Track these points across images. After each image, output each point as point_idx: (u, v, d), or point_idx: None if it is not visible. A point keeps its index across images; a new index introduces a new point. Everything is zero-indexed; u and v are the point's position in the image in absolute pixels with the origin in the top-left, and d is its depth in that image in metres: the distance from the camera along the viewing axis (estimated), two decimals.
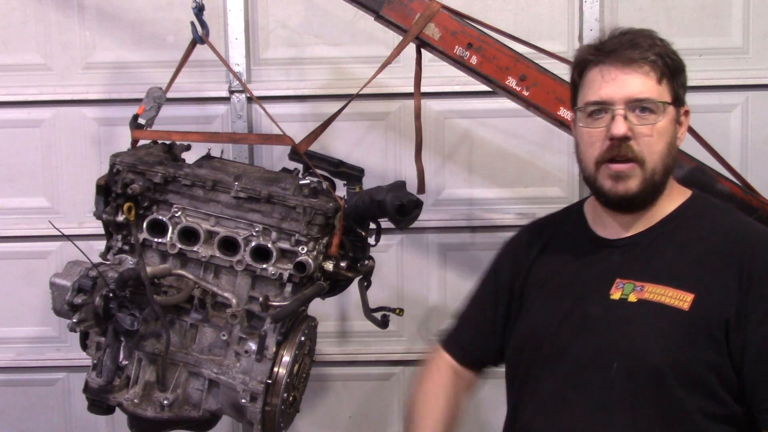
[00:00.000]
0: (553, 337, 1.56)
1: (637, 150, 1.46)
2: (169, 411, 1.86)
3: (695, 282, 1.44)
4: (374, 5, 2.08)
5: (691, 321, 1.41)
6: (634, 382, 1.43)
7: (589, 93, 1.51)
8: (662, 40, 1.51)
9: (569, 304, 1.56)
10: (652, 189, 1.50)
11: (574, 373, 1.51)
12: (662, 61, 1.48)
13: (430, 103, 2.78)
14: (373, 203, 1.87)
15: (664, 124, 1.47)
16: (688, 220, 1.53)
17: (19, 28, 2.81)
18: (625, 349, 1.45)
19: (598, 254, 1.58)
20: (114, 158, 1.90)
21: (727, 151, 2.54)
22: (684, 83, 1.54)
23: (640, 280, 1.49)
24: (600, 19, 2.72)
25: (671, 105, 1.49)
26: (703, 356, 1.40)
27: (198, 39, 2.10)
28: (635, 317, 1.46)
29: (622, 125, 1.44)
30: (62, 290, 1.87)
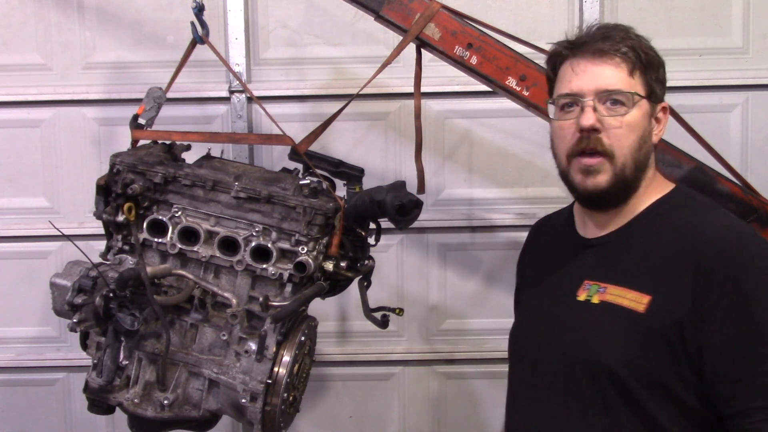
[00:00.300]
0: (530, 338, 1.58)
1: (607, 143, 1.44)
2: (169, 411, 1.86)
3: (653, 284, 1.41)
4: (374, 5, 2.08)
5: (647, 323, 1.39)
6: (596, 385, 1.42)
7: (561, 86, 1.50)
8: (638, 35, 1.50)
9: (545, 305, 1.57)
10: (622, 185, 1.47)
11: (546, 375, 1.52)
12: (634, 54, 1.46)
13: (430, 103, 2.78)
14: (373, 203, 1.87)
15: (634, 117, 1.45)
16: (656, 219, 1.50)
17: (19, 28, 2.81)
18: (586, 351, 1.45)
19: (576, 255, 1.57)
20: (114, 158, 1.90)
21: (727, 151, 2.54)
22: (661, 79, 1.51)
23: (605, 281, 1.48)
24: (600, 19, 2.72)
25: (644, 99, 1.46)
26: (660, 358, 1.38)
27: (198, 39, 2.10)
28: (596, 319, 1.45)
29: (590, 116, 1.43)
30: (62, 290, 1.87)
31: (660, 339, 1.38)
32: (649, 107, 1.48)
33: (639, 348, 1.39)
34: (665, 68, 1.53)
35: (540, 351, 1.54)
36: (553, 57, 1.54)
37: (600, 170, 1.45)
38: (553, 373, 1.50)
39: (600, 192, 1.46)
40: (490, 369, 2.83)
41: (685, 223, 1.46)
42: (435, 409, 2.94)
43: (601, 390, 1.42)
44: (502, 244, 2.85)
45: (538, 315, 1.58)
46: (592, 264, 1.52)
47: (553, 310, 1.54)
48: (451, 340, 2.89)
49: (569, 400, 1.46)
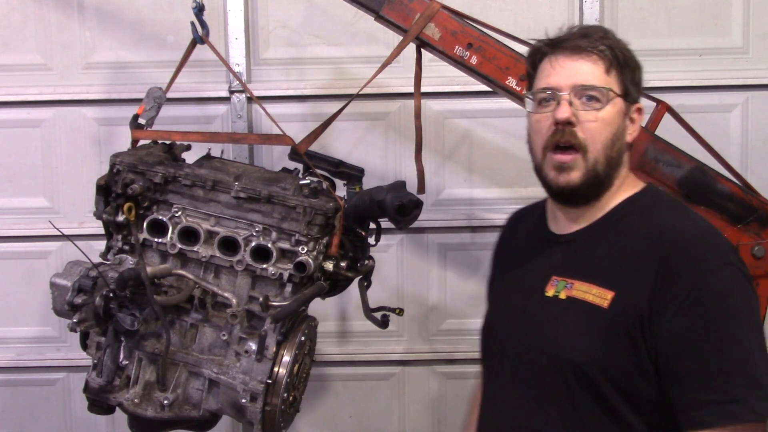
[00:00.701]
0: (498, 333, 1.61)
1: (581, 137, 1.46)
2: (169, 411, 1.86)
3: (617, 280, 1.44)
4: (374, 5, 2.08)
5: (610, 318, 1.42)
6: (561, 378, 1.45)
7: (539, 81, 1.54)
8: (616, 36, 1.54)
9: (514, 300, 1.60)
10: (594, 181, 1.49)
11: (514, 369, 1.55)
12: (612, 53, 1.49)
13: (430, 103, 2.78)
14: (373, 203, 1.87)
15: (609, 113, 1.47)
16: (623, 218, 1.52)
17: (19, 28, 2.81)
18: (552, 345, 1.48)
19: (545, 250, 1.60)
20: (114, 158, 1.90)
21: (727, 151, 2.54)
22: (637, 81, 1.54)
23: (572, 277, 1.50)
24: (600, 19, 2.72)
25: (619, 96, 1.49)
26: (622, 353, 1.41)
27: (198, 39, 2.10)
28: (562, 315, 1.48)
29: (566, 109, 1.46)
30: (62, 290, 1.87)
31: (622, 334, 1.40)
32: (623, 106, 1.51)
33: (602, 342, 1.42)
34: (642, 71, 1.56)
35: (508, 345, 1.57)
36: (533, 54, 1.58)
37: (573, 167, 1.48)
38: (520, 367, 1.53)
39: (573, 188, 1.49)
40: None
41: (651, 222, 1.48)
42: (435, 409, 2.94)
43: (566, 383, 1.45)
44: None
45: (508, 309, 1.60)
46: (560, 260, 1.55)
47: (522, 305, 1.57)
48: (451, 340, 2.89)
49: (535, 393, 1.50)
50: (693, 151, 2.12)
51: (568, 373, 1.44)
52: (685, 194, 2.10)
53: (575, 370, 1.43)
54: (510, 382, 1.55)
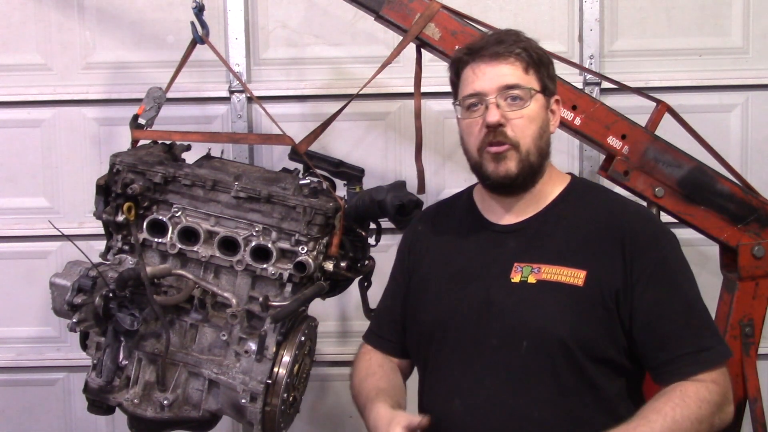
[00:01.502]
0: (459, 322, 1.64)
1: (511, 135, 1.59)
2: (169, 411, 1.86)
3: (586, 259, 1.57)
4: (374, 5, 2.08)
5: (587, 295, 1.55)
6: (542, 357, 1.55)
7: (465, 88, 1.64)
8: (527, 38, 1.65)
9: (471, 290, 1.64)
10: (529, 170, 1.62)
11: (485, 356, 1.59)
12: (527, 54, 1.62)
13: (430, 103, 2.78)
14: (373, 203, 1.87)
15: (533, 109, 1.60)
16: (573, 203, 1.67)
17: (19, 28, 2.81)
18: (532, 327, 1.56)
19: (492, 239, 1.68)
20: (114, 158, 1.90)
21: (727, 151, 2.54)
22: (552, 75, 1.67)
23: (537, 262, 1.60)
24: (600, 19, 2.72)
25: (540, 93, 1.62)
26: (599, 325, 1.55)
27: (198, 39, 2.11)
28: (537, 297, 1.58)
29: (495, 113, 1.58)
30: (62, 290, 1.87)
31: (599, 308, 1.55)
32: (544, 100, 1.64)
33: (582, 318, 1.55)
34: (553, 65, 1.70)
35: (475, 333, 1.61)
36: (455, 63, 1.70)
37: (508, 157, 1.60)
38: (493, 353, 1.58)
39: (511, 177, 1.61)
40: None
41: (602, 205, 1.66)
42: None
43: (550, 361, 1.54)
44: None
45: (467, 300, 1.64)
46: (515, 248, 1.64)
47: (485, 294, 1.62)
48: None
49: (513, 376, 1.56)
50: (693, 151, 2.12)
51: (551, 352, 1.54)
52: (685, 194, 2.10)
53: (561, 347, 1.54)
54: (483, 370, 1.59)
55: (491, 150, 1.59)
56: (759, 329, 2.15)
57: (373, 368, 1.81)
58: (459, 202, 1.80)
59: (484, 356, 1.59)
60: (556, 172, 1.72)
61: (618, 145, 2.10)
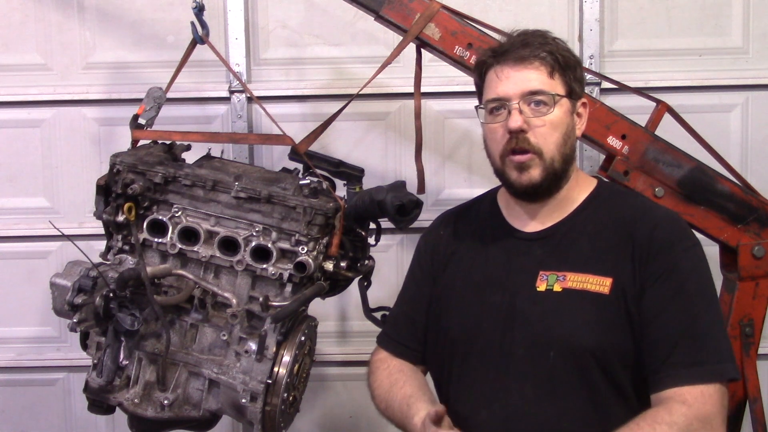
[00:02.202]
0: (485, 332, 1.62)
1: (534, 142, 1.56)
2: (169, 411, 1.86)
3: (610, 266, 1.55)
4: (374, 5, 2.08)
5: (613, 302, 1.52)
6: (570, 367, 1.52)
7: (488, 92, 1.62)
8: (555, 39, 1.61)
9: (498, 299, 1.62)
10: (554, 177, 1.59)
11: (513, 365, 1.57)
12: (552, 58, 1.58)
13: (430, 103, 2.78)
14: (373, 203, 1.87)
15: (557, 115, 1.57)
16: (597, 210, 1.63)
17: (19, 28, 2.81)
18: (559, 337, 1.53)
19: (517, 247, 1.66)
20: (114, 158, 1.90)
21: (727, 151, 2.54)
22: (579, 78, 1.63)
23: (562, 270, 1.58)
24: (600, 19, 2.72)
25: (564, 97, 1.58)
26: (627, 334, 1.51)
27: (198, 39, 2.11)
28: (563, 306, 1.55)
29: (517, 118, 1.55)
30: (62, 290, 1.87)
31: (624, 315, 1.52)
32: (569, 105, 1.60)
33: (611, 326, 1.51)
34: (582, 66, 1.66)
35: (502, 342, 1.58)
36: (479, 65, 1.67)
37: (532, 165, 1.57)
38: (521, 362, 1.56)
39: (535, 185, 1.58)
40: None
41: (623, 210, 1.62)
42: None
43: (579, 372, 1.51)
44: None
45: (494, 309, 1.62)
46: (540, 256, 1.61)
47: (511, 303, 1.60)
48: None
49: (542, 386, 1.53)
50: (693, 151, 2.12)
51: (580, 360, 1.50)
52: (685, 194, 2.10)
53: (589, 357, 1.50)
54: (511, 380, 1.56)
55: (514, 159, 1.57)
56: (759, 329, 2.15)
57: (394, 376, 1.76)
58: (482, 207, 1.78)
59: (511, 366, 1.56)
60: (583, 177, 1.69)
61: (618, 145, 2.10)
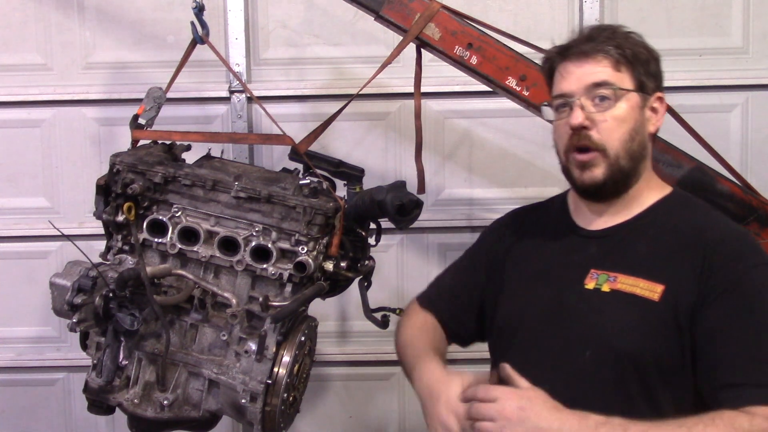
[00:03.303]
0: (528, 324, 1.61)
1: (597, 138, 1.51)
2: (169, 411, 1.86)
3: (665, 274, 1.49)
4: (374, 5, 2.08)
5: (661, 311, 1.47)
6: (605, 370, 1.48)
7: (554, 89, 1.60)
8: (626, 33, 1.57)
9: (545, 292, 1.61)
10: (619, 175, 1.54)
11: (548, 360, 1.55)
12: (618, 51, 1.53)
13: (430, 103, 2.78)
14: (374, 203, 1.87)
15: (623, 110, 1.52)
16: (663, 216, 1.58)
17: (19, 28, 2.81)
18: (597, 337, 1.50)
19: (575, 244, 1.63)
20: (114, 158, 1.90)
21: (727, 151, 2.54)
22: (654, 72, 1.57)
23: (614, 270, 1.54)
24: (600, 19, 2.72)
25: (633, 91, 1.53)
26: (672, 344, 1.46)
27: (198, 39, 2.10)
28: (608, 307, 1.51)
29: (578, 114, 1.51)
30: (62, 290, 1.87)
31: (672, 326, 1.45)
32: (639, 99, 1.54)
33: (655, 334, 1.46)
34: (659, 61, 1.59)
35: (542, 336, 1.58)
36: (545, 63, 1.65)
37: (595, 164, 1.53)
38: (556, 358, 1.54)
39: (597, 184, 1.54)
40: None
41: (690, 220, 1.56)
42: None
43: (614, 375, 1.47)
44: None
45: (540, 301, 1.61)
46: (596, 254, 1.58)
47: (558, 298, 1.58)
48: None
49: (573, 384, 1.51)
50: (693, 151, 2.12)
51: (612, 365, 1.47)
52: None
53: (626, 361, 1.46)
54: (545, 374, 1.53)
55: (577, 158, 1.54)
56: None
57: (428, 327, 1.79)
58: (553, 206, 1.77)
59: (546, 360, 1.55)
60: (657, 180, 1.64)
61: None
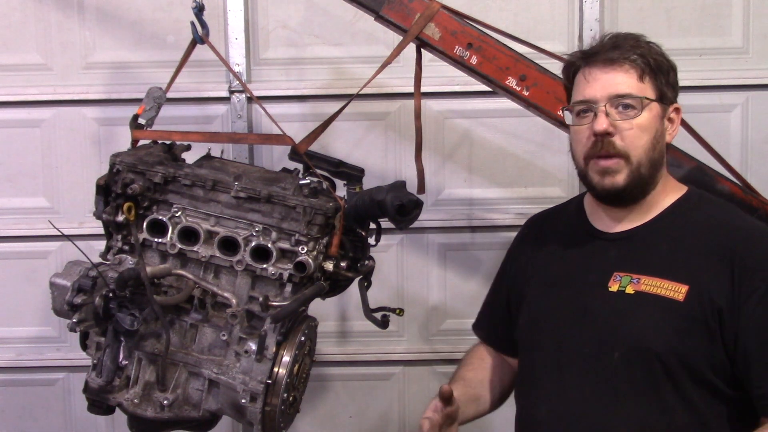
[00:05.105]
0: (553, 327, 1.62)
1: (620, 145, 1.53)
2: (169, 411, 1.86)
3: (689, 274, 1.50)
4: (374, 5, 2.08)
5: (686, 311, 1.47)
6: (634, 370, 1.49)
7: (576, 94, 1.61)
8: (648, 43, 1.60)
9: (568, 295, 1.62)
10: (639, 182, 1.56)
11: (576, 363, 1.56)
12: (643, 61, 1.56)
13: (430, 103, 2.78)
14: (373, 203, 1.87)
15: (646, 119, 1.54)
16: (683, 215, 1.58)
17: (19, 28, 2.81)
18: (625, 338, 1.51)
19: (595, 247, 1.64)
20: (114, 158, 1.90)
21: (727, 151, 2.54)
22: (672, 82, 1.61)
23: (637, 272, 1.54)
24: (600, 19, 2.72)
25: (655, 101, 1.56)
26: (698, 344, 1.46)
27: (198, 39, 2.10)
28: (633, 308, 1.52)
29: (603, 121, 1.52)
30: (62, 290, 1.87)
31: (699, 325, 1.46)
32: (660, 109, 1.57)
33: (680, 334, 1.47)
34: (676, 71, 1.63)
35: (568, 340, 1.58)
36: (568, 67, 1.66)
37: (617, 170, 1.54)
38: (584, 361, 1.55)
39: (618, 190, 1.56)
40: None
41: (713, 219, 1.56)
42: None
43: (644, 376, 1.48)
44: (502, 244, 2.84)
45: (560, 306, 1.62)
46: (617, 257, 1.59)
47: (581, 301, 1.59)
48: (451, 340, 2.89)
49: (602, 387, 1.52)
50: (693, 151, 2.12)
51: (640, 366, 1.48)
52: None
53: (650, 361, 1.47)
54: (572, 377, 1.56)
55: (600, 163, 1.55)
56: None
57: (471, 359, 1.87)
58: (569, 209, 1.78)
59: (574, 364, 1.56)
60: (672, 183, 1.65)
61: None
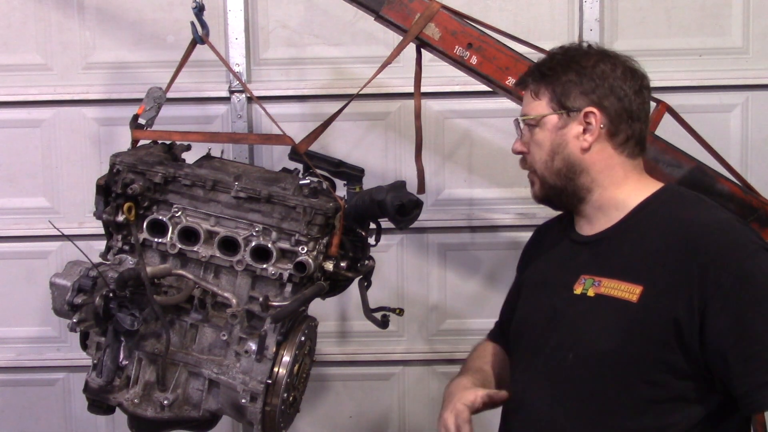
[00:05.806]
0: (530, 330, 1.66)
1: (529, 161, 1.67)
2: (169, 411, 1.86)
3: (645, 274, 1.47)
4: (374, 5, 2.08)
5: (641, 312, 1.44)
6: (588, 373, 1.49)
7: None
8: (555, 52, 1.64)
9: (543, 299, 1.65)
10: (555, 191, 1.63)
11: (538, 365, 1.59)
12: (539, 74, 1.62)
13: (430, 103, 2.78)
14: (373, 203, 1.87)
15: (540, 135, 1.62)
16: (649, 214, 1.56)
17: (19, 28, 2.81)
18: (578, 340, 1.52)
19: (572, 251, 1.66)
20: (114, 158, 1.90)
21: (727, 151, 2.54)
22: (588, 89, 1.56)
23: (599, 275, 1.55)
24: (600, 19, 2.73)
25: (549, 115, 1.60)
26: (652, 346, 1.43)
27: (198, 39, 2.10)
28: (590, 311, 1.53)
29: (516, 143, 1.69)
30: (62, 290, 1.87)
31: (652, 326, 1.43)
32: (557, 120, 1.59)
33: (631, 335, 1.44)
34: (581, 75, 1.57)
35: (539, 342, 1.61)
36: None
37: (533, 182, 1.68)
38: (543, 364, 1.58)
39: (538, 198, 1.69)
40: None
41: (674, 216, 1.52)
42: (435, 409, 2.90)
43: (594, 378, 1.49)
44: (502, 244, 2.85)
45: (538, 308, 1.66)
46: (586, 260, 1.61)
47: (551, 303, 1.61)
48: (451, 340, 2.89)
49: (556, 388, 1.54)
50: (693, 151, 2.12)
51: (598, 368, 1.48)
52: None
53: (606, 364, 1.46)
54: (538, 378, 1.59)
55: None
56: None
57: (483, 352, 1.88)
58: (567, 215, 1.78)
59: (536, 366, 1.59)
60: (644, 182, 1.62)
61: None
